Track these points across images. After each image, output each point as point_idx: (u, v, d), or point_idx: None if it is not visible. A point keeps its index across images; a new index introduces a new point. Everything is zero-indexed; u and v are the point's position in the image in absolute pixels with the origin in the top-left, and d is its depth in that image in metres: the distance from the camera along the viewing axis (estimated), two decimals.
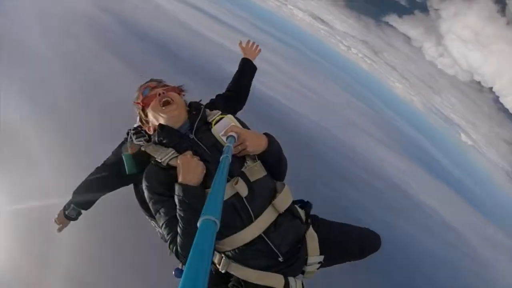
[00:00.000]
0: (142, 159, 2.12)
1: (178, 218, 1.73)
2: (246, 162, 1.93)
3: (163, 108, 2.03)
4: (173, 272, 1.95)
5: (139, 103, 2.16)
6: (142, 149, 2.06)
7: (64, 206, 2.62)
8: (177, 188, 1.73)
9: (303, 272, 2.01)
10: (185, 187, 1.70)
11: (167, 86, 2.21)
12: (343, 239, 2.21)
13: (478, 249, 18.99)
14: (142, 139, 2.22)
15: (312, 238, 2.01)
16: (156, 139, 2.00)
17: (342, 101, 31.44)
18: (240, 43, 3.05)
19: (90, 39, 12.13)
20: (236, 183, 1.80)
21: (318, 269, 2.06)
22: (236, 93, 2.79)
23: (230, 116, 2.08)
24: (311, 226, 2.05)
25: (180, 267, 1.97)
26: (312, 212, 2.12)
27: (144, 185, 1.93)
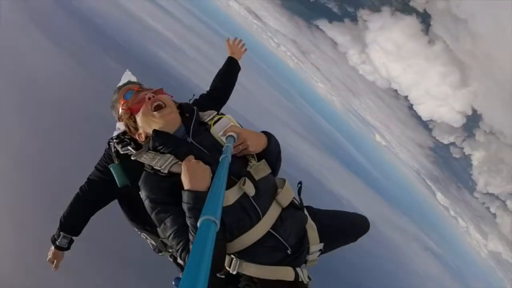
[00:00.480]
0: (132, 169, 2.01)
1: (189, 226, 1.66)
2: (250, 162, 1.92)
3: (156, 112, 1.92)
4: (173, 282, 1.92)
5: (127, 109, 2.00)
6: (133, 158, 1.93)
7: (53, 237, 2.43)
8: (186, 195, 1.65)
9: (305, 262, 2.05)
10: (195, 194, 1.64)
11: (151, 89, 2.07)
12: (338, 225, 2.31)
13: (389, 236, 20.98)
14: (128, 147, 2.09)
15: (312, 228, 2.07)
16: (150, 145, 1.88)
17: (267, 96, 32.12)
18: (228, 40, 2.98)
19: (15, 10, 10.95)
20: (244, 183, 1.79)
21: (318, 256, 2.12)
22: (221, 93, 2.74)
23: (229, 116, 2.05)
24: (309, 216, 2.10)
25: (180, 276, 1.92)
26: None
27: (144, 195, 1.81)
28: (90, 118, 7.87)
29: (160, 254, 2.39)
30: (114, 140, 2.15)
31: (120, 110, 2.06)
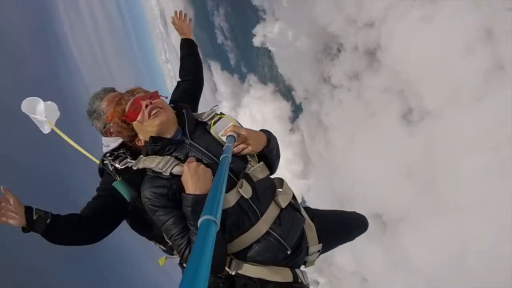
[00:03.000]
0: (135, 181, 1.97)
1: (191, 229, 1.68)
2: (250, 163, 1.92)
3: (151, 117, 1.85)
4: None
5: (124, 118, 1.90)
6: (134, 168, 1.90)
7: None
8: (187, 199, 1.65)
9: (305, 263, 2.07)
10: (196, 198, 1.63)
11: (147, 92, 1.99)
12: (337, 225, 2.34)
13: None
14: (127, 160, 2.05)
15: (310, 228, 2.09)
16: (149, 149, 1.86)
17: None
18: (173, 21, 2.80)
19: None
20: (241, 186, 1.80)
21: (317, 257, 2.16)
22: (195, 80, 2.66)
23: (229, 115, 2.04)
24: (307, 217, 2.12)
25: None
26: None
27: (145, 198, 1.79)
28: None
29: (173, 257, 2.32)
30: (108, 158, 2.10)
31: (112, 121, 1.99)
